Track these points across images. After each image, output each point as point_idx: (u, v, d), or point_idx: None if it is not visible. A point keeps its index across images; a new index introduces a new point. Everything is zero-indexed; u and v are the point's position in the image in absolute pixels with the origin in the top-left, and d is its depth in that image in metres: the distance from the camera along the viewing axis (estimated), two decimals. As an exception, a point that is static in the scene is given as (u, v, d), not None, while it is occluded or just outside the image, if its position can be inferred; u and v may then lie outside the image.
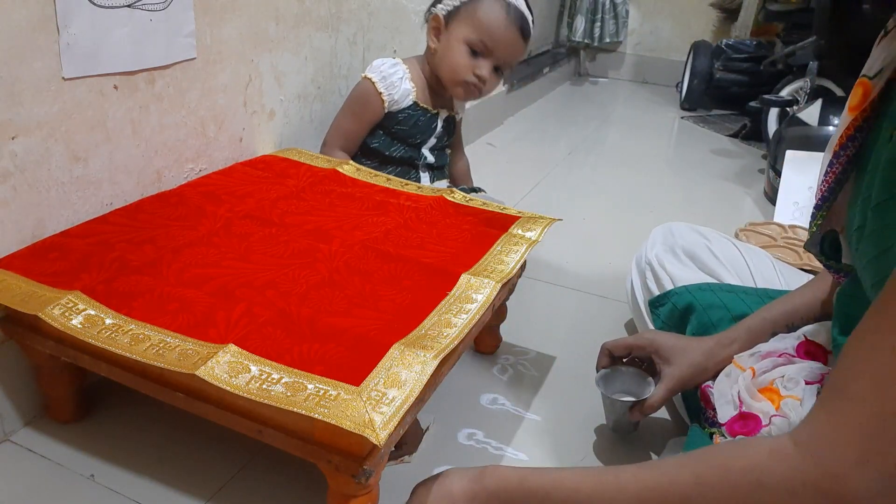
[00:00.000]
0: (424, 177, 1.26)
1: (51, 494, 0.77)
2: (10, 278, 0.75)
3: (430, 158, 1.26)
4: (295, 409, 0.60)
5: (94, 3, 0.83)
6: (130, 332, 0.69)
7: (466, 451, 0.89)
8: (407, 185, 1.09)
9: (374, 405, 0.60)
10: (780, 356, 0.73)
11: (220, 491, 0.79)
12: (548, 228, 0.96)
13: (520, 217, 0.98)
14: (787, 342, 0.74)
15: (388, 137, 1.22)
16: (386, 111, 1.20)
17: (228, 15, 1.05)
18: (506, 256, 0.88)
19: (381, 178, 1.10)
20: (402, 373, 0.64)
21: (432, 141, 1.25)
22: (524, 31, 1.18)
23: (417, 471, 0.84)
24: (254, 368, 0.64)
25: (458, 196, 1.05)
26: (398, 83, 1.20)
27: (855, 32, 1.95)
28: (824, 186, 0.62)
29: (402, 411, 0.60)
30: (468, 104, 1.34)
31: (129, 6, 0.88)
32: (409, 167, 1.25)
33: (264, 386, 0.62)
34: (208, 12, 1.01)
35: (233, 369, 0.64)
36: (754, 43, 2.72)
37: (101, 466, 0.81)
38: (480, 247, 0.90)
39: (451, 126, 1.30)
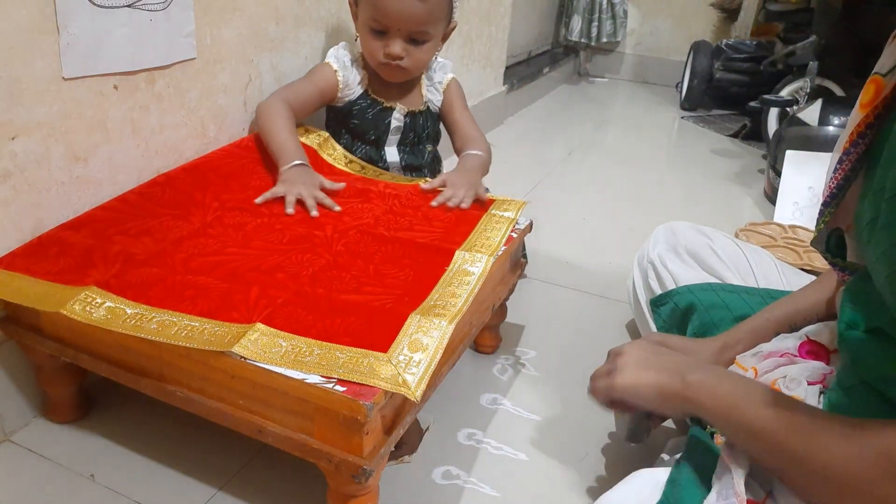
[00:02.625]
0: None
1: (51, 494, 0.77)
2: (17, 280, 0.76)
3: (394, 157, 1.19)
4: (333, 375, 0.63)
5: (94, 3, 0.83)
6: (155, 319, 0.70)
7: (466, 450, 0.89)
8: (382, 174, 1.12)
9: (405, 368, 0.65)
10: (782, 356, 0.73)
11: (220, 490, 0.79)
12: (522, 209, 1.00)
13: (493, 200, 1.03)
14: (789, 342, 0.74)
15: (349, 136, 1.18)
16: (340, 92, 1.15)
17: (228, 15, 1.05)
18: (491, 233, 0.93)
19: (355, 166, 1.13)
20: (423, 338, 0.69)
21: (392, 139, 1.19)
22: None
23: (417, 471, 0.84)
24: (284, 344, 0.67)
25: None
26: (350, 65, 1.16)
27: (862, 32, 1.95)
28: (833, 183, 0.61)
29: (429, 372, 0.65)
30: (434, 89, 1.23)
31: (129, 6, 0.87)
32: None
33: (298, 358, 0.65)
34: (208, 12, 1.01)
35: (266, 345, 0.66)
36: (754, 43, 2.72)
37: (101, 466, 0.81)
38: (466, 226, 0.95)
39: (421, 121, 1.20)
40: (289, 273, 0.80)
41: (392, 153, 1.19)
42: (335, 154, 1.13)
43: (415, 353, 0.67)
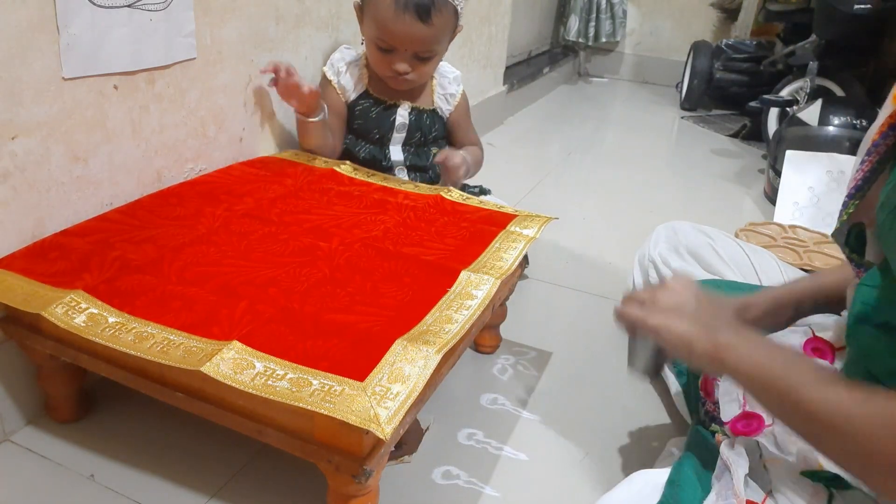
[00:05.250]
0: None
1: (51, 494, 0.77)
2: (10, 278, 0.75)
3: (398, 156, 1.19)
4: (300, 405, 0.60)
5: (94, 3, 0.83)
6: (134, 331, 0.69)
7: (466, 451, 0.89)
8: (404, 183, 1.09)
9: (379, 400, 0.61)
10: (785, 353, 0.72)
11: (220, 491, 0.79)
12: (545, 226, 0.96)
13: (517, 216, 0.99)
14: (794, 338, 0.74)
15: (353, 136, 1.18)
16: (344, 100, 1.17)
17: (228, 15, 1.05)
18: (504, 253, 0.89)
19: (378, 177, 1.10)
20: (406, 368, 0.65)
21: (397, 137, 1.19)
22: (421, 13, 1.05)
23: (417, 471, 0.84)
24: (258, 365, 0.64)
25: (456, 195, 1.05)
26: (344, 69, 1.16)
27: (858, 31, 1.95)
28: (859, 175, 0.61)
29: (406, 406, 0.61)
30: (445, 99, 1.24)
31: (129, 6, 0.87)
32: (382, 171, 1.16)
33: (269, 382, 0.62)
34: (208, 12, 1.01)
35: (238, 366, 0.64)
36: (754, 43, 2.72)
37: (101, 466, 0.81)
38: (479, 244, 0.90)
39: (428, 121, 1.21)
40: (282, 288, 0.77)
41: (396, 152, 1.19)
42: (356, 173, 1.11)
43: (393, 385, 0.62)
